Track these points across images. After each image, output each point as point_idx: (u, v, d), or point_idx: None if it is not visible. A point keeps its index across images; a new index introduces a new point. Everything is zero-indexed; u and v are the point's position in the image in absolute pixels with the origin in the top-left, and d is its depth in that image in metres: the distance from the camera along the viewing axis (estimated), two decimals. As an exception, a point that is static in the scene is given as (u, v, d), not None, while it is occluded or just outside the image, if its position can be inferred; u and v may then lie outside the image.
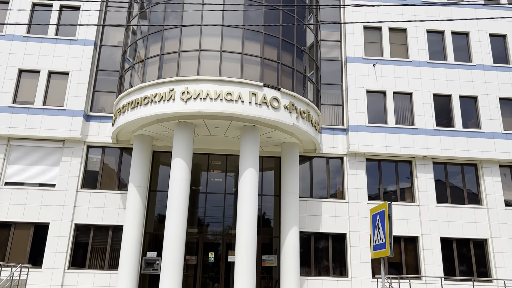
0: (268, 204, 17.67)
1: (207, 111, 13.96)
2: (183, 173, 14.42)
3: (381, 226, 7.03)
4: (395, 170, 18.41)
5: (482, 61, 19.26)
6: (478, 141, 18.09)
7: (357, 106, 18.23)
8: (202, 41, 14.66)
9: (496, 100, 18.77)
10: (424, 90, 18.67)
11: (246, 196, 14.30)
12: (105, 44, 18.63)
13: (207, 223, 17.19)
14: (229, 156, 18.03)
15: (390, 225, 6.81)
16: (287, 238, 15.68)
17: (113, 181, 17.28)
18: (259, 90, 14.53)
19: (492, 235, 17.46)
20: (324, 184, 18.12)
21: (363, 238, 17.09)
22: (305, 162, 18.31)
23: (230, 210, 17.32)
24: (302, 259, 16.96)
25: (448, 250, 17.51)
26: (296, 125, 15.12)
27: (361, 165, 18.01)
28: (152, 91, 14.57)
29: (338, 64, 19.39)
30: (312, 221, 17.35)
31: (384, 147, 17.82)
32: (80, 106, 17.06)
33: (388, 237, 6.76)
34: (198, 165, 17.77)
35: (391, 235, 6.76)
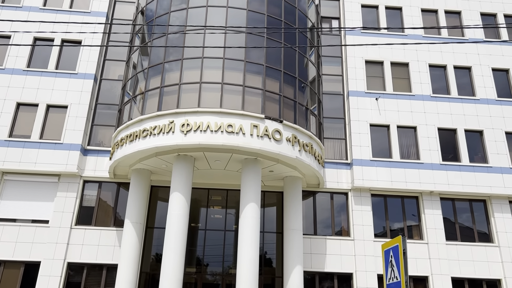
0: (270, 242, 16.92)
1: (207, 143, 13.56)
2: (181, 208, 13.83)
3: (395, 263, 6.43)
4: (402, 206, 17.78)
5: (486, 95, 19.05)
6: (486, 176, 17.56)
7: (361, 140, 17.84)
8: (203, 73, 14.47)
9: (502, 134, 18.39)
10: (428, 124, 18.34)
11: (247, 233, 13.64)
12: (105, 78, 18.51)
13: (206, 263, 16.38)
14: (229, 191, 17.46)
15: (405, 261, 6.21)
16: (290, 278, 14.85)
17: (109, 217, 16.64)
18: (261, 122, 14.19)
19: (505, 275, 16.58)
20: (328, 221, 17.44)
21: (370, 278, 16.23)
22: (308, 197, 17.72)
23: (230, 249, 16.55)
24: None
25: None
26: (298, 158, 14.67)
27: (367, 200, 17.40)
28: (152, 124, 14.23)
29: (341, 98, 19.18)
30: (316, 260, 16.54)
31: (389, 182, 17.27)
32: (78, 139, 16.69)
33: (404, 275, 6.15)
34: (198, 201, 17.17)
35: (407, 273, 6.14)
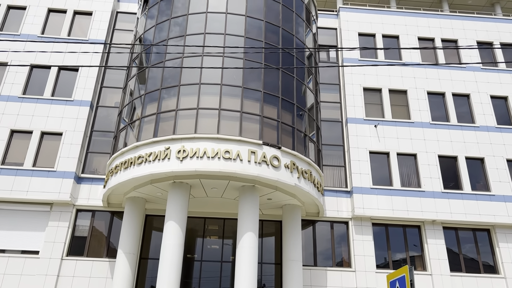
0: (269, 274, 16.31)
1: (204, 170, 13.22)
2: (176, 238, 13.33)
3: (403, 294, 6.00)
4: (404, 235, 17.27)
5: (485, 123, 18.91)
6: (489, 205, 17.17)
7: (360, 168, 17.53)
8: (200, 99, 14.30)
9: (504, 161, 18.13)
10: (428, 151, 18.10)
11: (244, 263, 13.10)
12: (101, 105, 18.34)
13: None
14: (226, 220, 16.97)
15: (413, 292, 5.79)
16: (289, 311, 14.19)
17: (102, 247, 16.07)
18: (259, 148, 13.91)
19: None
20: (328, 251, 16.89)
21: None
22: (308, 226, 17.23)
23: (227, 281, 15.91)
24: (306, 336, 15.29)
25: None
26: (297, 185, 14.31)
27: (368, 230, 16.91)
28: (147, 150, 13.93)
29: (339, 125, 19.00)
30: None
31: (391, 211, 16.84)
32: (72, 167, 16.33)
33: (413, 307, 5.71)
34: (193, 230, 16.65)
35: (416, 305, 5.71)
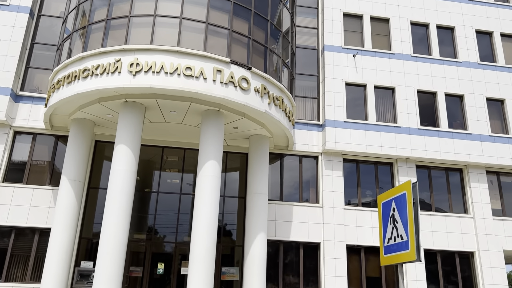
0: (231, 208, 15.17)
1: (160, 87, 11.42)
2: (128, 164, 11.72)
3: (400, 217, 4.74)
4: (375, 173, 16.41)
5: (468, 58, 17.78)
6: (465, 143, 16.42)
7: (335, 100, 16.18)
8: (158, 5, 12.16)
9: (483, 100, 17.25)
10: (407, 85, 16.90)
11: (205, 193, 11.76)
12: (44, 14, 15.76)
13: (157, 230, 14.45)
14: (187, 151, 15.44)
15: (416, 214, 4.53)
16: (252, 247, 13.19)
17: (45, 174, 14.28)
18: (226, 67, 12.15)
19: (479, 248, 15.67)
20: (296, 187, 15.84)
21: (339, 248, 14.85)
22: (275, 160, 16.00)
23: (186, 216, 14.67)
24: (268, 272, 14.50)
25: (431, 264, 15.55)
26: (268, 112, 12.82)
27: (338, 165, 15.89)
28: (94, 62, 11.88)
29: (315, 53, 17.36)
30: (281, 228, 14.97)
31: (364, 146, 15.80)
32: (8, 83, 14.07)
33: (414, 233, 4.47)
34: (150, 162, 15.07)
35: (418, 230, 4.47)
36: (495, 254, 15.64)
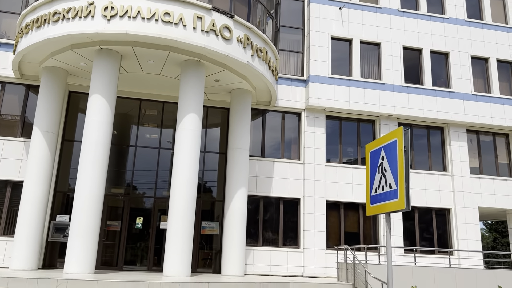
0: (212, 164, 14.91)
1: (137, 33, 10.75)
2: (103, 114, 11.20)
3: (389, 166, 4.52)
4: (357, 130, 16.29)
5: (455, 15, 17.41)
6: (447, 102, 16.36)
7: (320, 54, 15.73)
8: None
9: (468, 58, 17.07)
10: (393, 41, 16.52)
11: (185, 147, 11.41)
12: (10, -48, 14.52)
13: (136, 185, 14.15)
14: (166, 104, 14.93)
15: (407, 162, 4.31)
16: (232, 201, 13.07)
17: (15, 126, 13.63)
18: (207, 14, 11.49)
19: (456, 205, 15.97)
20: (278, 143, 15.63)
21: (319, 204, 14.91)
22: (257, 116, 15.66)
23: (165, 171, 14.35)
24: (248, 226, 14.52)
25: (409, 220, 15.83)
26: (250, 64, 12.33)
27: (321, 122, 15.68)
28: (65, 5, 11.05)
29: (300, 5, 16.68)
30: (262, 184, 14.87)
31: (347, 103, 15.56)
32: (-29, 26, 13.09)
33: (404, 181, 4.26)
34: (128, 116, 14.53)
35: (408, 178, 4.26)
36: (471, 211, 15.99)
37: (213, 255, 14.21)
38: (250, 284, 9.58)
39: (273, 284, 10.06)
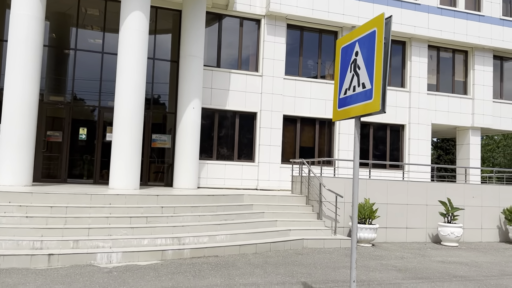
0: (163, 73, 13.76)
1: None
2: (32, 8, 9.60)
3: (364, 62, 3.86)
4: (319, 42, 15.45)
5: None
6: (412, 14, 15.65)
7: (283, -46, 14.21)
8: None
9: (437, -32, 16.14)
10: None
11: (130, 49, 10.18)
12: None
13: (78, 92, 12.88)
14: (110, 3, 13.22)
15: (386, 58, 3.64)
16: (185, 113, 12.26)
17: None
18: None
19: (410, 121, 16.05)
20: (235, 53, 14.57)
21: (275, 118, 14.43)
22: (213, 22, 14.34)
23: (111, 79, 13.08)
24: (203, 141, 13.94)
25: (363, 138, 15.84)
26: (205, -43, 10.81)
27: (281, 31, 14.64)
28: None
29: None
30: (217, 96, 14.05)
31: (310, 10, 14.50)
32: None
33: (381, 80, 3.63)
34: (66, 16, 12.77)
35: (386, 76, 3.63)
36: (424, 127, 16.18)
37: (165, 168, 13.67)
38: (202, 196, 9.19)
39: (227, 196, 9.74)
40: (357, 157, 4.08)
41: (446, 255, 9.12)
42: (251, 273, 6.45)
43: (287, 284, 5.90)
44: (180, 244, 7.55)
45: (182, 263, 6.92)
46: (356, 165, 4.07)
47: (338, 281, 6.24)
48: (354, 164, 4.08)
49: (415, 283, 6.36)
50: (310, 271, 6.86)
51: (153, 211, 8.17)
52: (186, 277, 6.05)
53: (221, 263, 7.04)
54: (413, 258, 8.53)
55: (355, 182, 4.07)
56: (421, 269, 7.50)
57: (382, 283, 6.29)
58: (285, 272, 6.69)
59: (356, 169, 4.07)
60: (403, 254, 9.03)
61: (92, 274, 5.99)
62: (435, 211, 11.41)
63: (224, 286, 5.63)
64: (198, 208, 8.77)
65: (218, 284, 5.74)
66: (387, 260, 8.16)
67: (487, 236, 11.93)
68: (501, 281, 6.79)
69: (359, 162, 15.10)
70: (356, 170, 4.07)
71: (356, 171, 4.07)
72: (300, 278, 6.30)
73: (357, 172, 4.07)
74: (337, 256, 8.32)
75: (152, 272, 6.26)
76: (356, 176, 4.07)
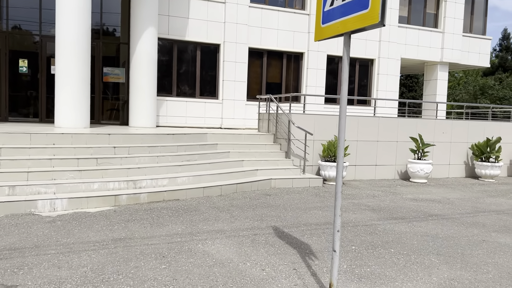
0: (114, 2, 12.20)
1: None
2: None
3: (358, -40, 2.97)
4: (286, -34, 14.10)
5: None
6: None
7: None
8: None
9: None
10: None
11: (70, -34, 8.67)
12: None
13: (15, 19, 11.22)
14: None
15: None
16: (140, 43, 11.00)
17: None
18: None
19: (380, 55, 15.40)
20: (193, -25, 13.06)
21: (240, 51, 13.37)
22: None
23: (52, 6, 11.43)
24: (161, 76, 12.79)
25: (331, 73, 15.12)
26: None
27: (246, -48, 13.17)
28: None
29: None
30: (176, 26, 12.72)
31: None
32: None
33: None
34: None
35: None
36: (393, 62, 15.61)
37: (120, 106, 12.55)
38: (161, 135, 8.33)
39: (188, 135, 8.93)
40: (345, 86, 3.33)
41: (416, 192, 8.89)
42: (216, 218, 5.84)
43: (256, 230, 5.34)
44: (136, 187, 6.79)
45: (138, 209, 6.21)
46: (344, 94, 3.33)
47: (310, 224, 5.75)
48: (342, 94, 3.34)
49: (392, 224, 5.98)
50: (280, 213, 6.34)
51: (104, 152, 7.27)
52: (142, 225, 5.36)
53: (183, 208, 6.38)
54: (384, 197, 8.21)
55: (342, 115, 3.35)
56: (395, 208, 7.17)
57: (357, 224, 5.86)
58: (254, 215, 6.13)
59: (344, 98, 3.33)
60: (374, 192, 8.71)
61: (32, 224, 5.18)
62: (405, 147, 11.12)
63: (186, 235, 4.99)
64: (157, 148, 7.94)
65: (179, 232, 5.09)
66: (359, 199, 7.79)
67: (454, 172, 11.88)
68: (476, 219, 6.55)
69: (328, 98, 14.55)
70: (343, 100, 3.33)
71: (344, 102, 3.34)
72: (270, 222, 5.77)
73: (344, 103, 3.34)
74: (307, 196, 7.86)
75: (103, 220, 5.51)
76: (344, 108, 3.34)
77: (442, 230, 5.73)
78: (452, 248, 4.91)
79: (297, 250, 4.62)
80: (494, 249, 4.94)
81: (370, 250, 4.71)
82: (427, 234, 5.51)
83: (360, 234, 5.38)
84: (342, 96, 3.34)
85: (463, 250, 4.87)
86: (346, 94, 3.33)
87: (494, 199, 8.47)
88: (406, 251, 4.74)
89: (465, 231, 5.76)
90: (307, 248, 4.71)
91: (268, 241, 4.90)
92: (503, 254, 4.79)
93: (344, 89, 3.32)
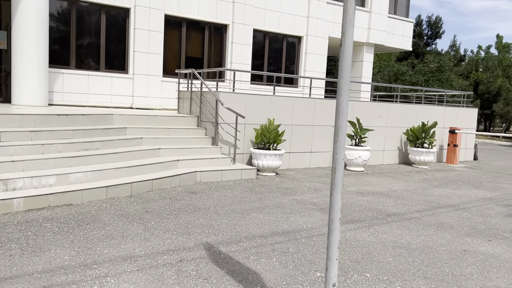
0: None
1: None
2: None
3: None
4: None
5: None
6: None
7: None
8: None
9: None
10: None
11: None
12: None
13: None
14: None
15: None
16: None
17: None
18: None
19: (308, 33, 14.37)
20: None
21: (154, 17, 11.41)
22: None
23: None
24: (55, 44, 10.40)
25: (259, 47, 13.78)
26: None
27: None
28: None
29: None
30: (74, -19, 10.37)
31: None
32: None
33: None
34: None
35: None
36: (321, 40, 14.69)
37: (2, 78, 9.99)
38: (50, 116, 6.33)
39: (88, 116, 6.99)
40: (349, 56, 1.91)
41: (358, 184, 7.94)
42: (124, 234, 4.20)
43: (183, 251, 3.82)
44: (7, 190, 4.84)
45: (7, 222, 4.32)
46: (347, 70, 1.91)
47: (254, 237, 4.36)
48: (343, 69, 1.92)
49: (351, 231, 4.82)
50: (212, 220, 4.87)
51: (-40, 139, 5.16)
52: (7, 252, 3.55)
53: (76, 218, 4.61)
54: (327, 190, 7.11)
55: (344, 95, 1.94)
56: (345, 206, 6.06)
57: (312, 234, 4.59)
58: (177, 226, 4.58)
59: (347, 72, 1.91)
60: (314, 184, 7.58)
61: None
62: (339, 132, 10.17)
63: (76, 268, 3.30)
64: (42, 133, 5.95)
65: (65, 264, 3.38)
66: (301, 195, 6.58)
67: (388, 158, 11.28)
68: (438, 218, 5.67)
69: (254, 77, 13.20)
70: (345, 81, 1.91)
71: (346, 82, 1.92)
72: (200, 237, 4.26)
73: (347, 84, 1.93)
74: (241, 192, 6.46)
75: None
76: (346, 89, 1.94)
77: (412, 238, 4.70)
78: (437, 266, 3.85)
79: (243, 285, 3.20)
80: (483, 264, 3.98)
81: (342, 278, 3.45)
82: (398, 244, 4.42)
83: (319, 249, 4.12)
84: (343, 68, 1.92)
85: (450, 268, 3.83)
86: (349, 71, 1.91)
87: (440, 189, 7.81)
88: (385, 275, 3.57)
89: (436, 236, 4.79)
90: (258, 280, 3.31)
91: (200, 271, 3.41)
92: (496, 271, 3.83)
93: (348, 59, 1.90)
